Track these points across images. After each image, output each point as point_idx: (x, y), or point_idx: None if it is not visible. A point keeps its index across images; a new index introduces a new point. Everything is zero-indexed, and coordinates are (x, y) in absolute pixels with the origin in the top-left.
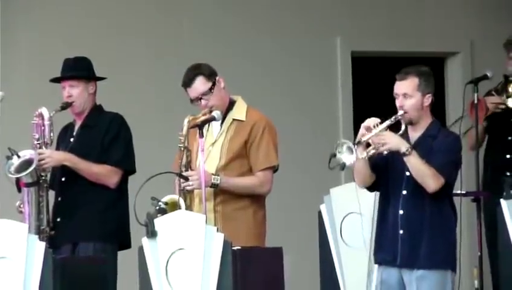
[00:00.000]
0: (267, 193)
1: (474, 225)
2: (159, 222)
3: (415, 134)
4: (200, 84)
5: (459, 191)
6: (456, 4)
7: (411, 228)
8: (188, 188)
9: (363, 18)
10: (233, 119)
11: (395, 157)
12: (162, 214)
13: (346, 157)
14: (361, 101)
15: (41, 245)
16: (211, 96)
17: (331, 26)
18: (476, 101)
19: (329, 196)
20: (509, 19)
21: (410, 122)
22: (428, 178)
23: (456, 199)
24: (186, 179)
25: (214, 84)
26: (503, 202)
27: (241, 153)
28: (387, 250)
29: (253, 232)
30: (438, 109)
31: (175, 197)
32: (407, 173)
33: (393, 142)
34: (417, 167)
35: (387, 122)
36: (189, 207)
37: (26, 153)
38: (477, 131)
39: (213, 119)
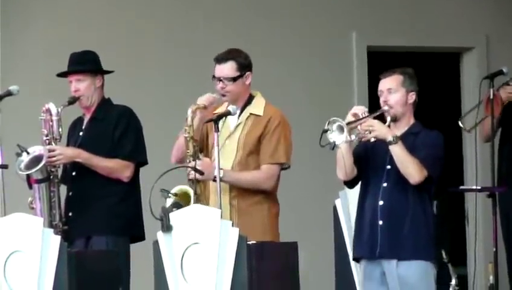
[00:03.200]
0: (270, 189)
1: (490, 220)
2: (174, 216)
3: (397, 131)
4: (228, 68)
5: (474, 187)
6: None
7: (391, 218)
8: (199, 178)
9: (378, 13)
10: (251, 114)
11: (376, 150)
12: (178, 208)
13: (335, 136)
14: (377, 97)
15: (57, 239)
16: (231, 85)
17: (346, 21)
18: (491, 97)
19: (344, 191)
20: None
21: (394, 118)
22: (413, 169)
23: (471, 195)
24: (202, 173)
25: (241, 76)
26: None
27: (257, 148)
28: (365, 242)
29: (269, 227)
30: (453, 104)
31: (184, 187)
32: (388, 167)
33: (381, 130)
34: (402, 156)
35: (373, 114)
36: (199, 197)
37: (36, 149)
38: (493, 127)
39: (228, 113)
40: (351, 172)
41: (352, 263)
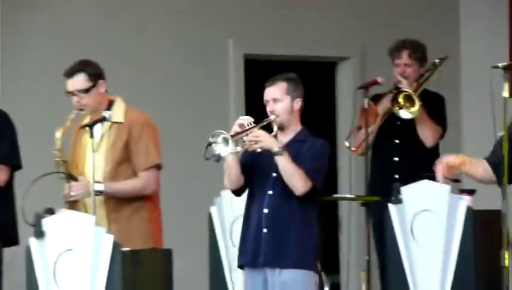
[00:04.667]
0: (153, 193)
1: (363, 229)
2: (48, 222)
3: (284, 139)
4: (79, 81)
5: (348, 195)
6: (348, 10)
7: (276, 226)
8: (73, 198)
9: (256, 21)
10: (112, 122)
11: (263, 159)
12: (51, 214)
13: (221, 148)
14: (254, 104)
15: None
16: (86, 96)
17: (223, 29)
18: (366, 106)
19: (220, 198)
20: (399, 25)
21: (281, 127)
22: (298, 180)
23: (345, 203)
24: (76, 179)
25: (94, 85)
26: (391, 206)
27: (125, 157)
28: (249, 250)
29: (149, 233)
30: (329, 113)
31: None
32: (274, 175)
33: (267, 141)
34: (287, 168)
35: (260, 124)
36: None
37: None
38: (366, 137)
39: (104, 119)
40: (238, 181)
41: (226, 269)
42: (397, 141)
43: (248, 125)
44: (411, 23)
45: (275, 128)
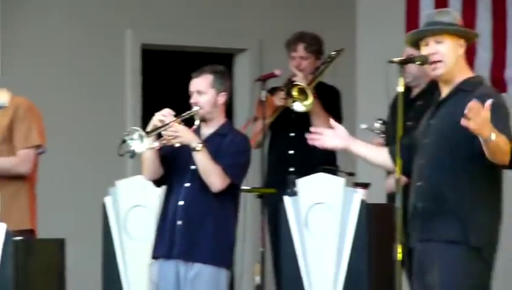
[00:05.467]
0: (27, 173)
1: (258, 221)
2: None
3: (206, 131)
4: None
5: (244, 187)
6: (246, 1)
7: (190, 219)
8: None
9: (154, 11)
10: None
11: (183, 151)
12: None
13: (136, 145)
14: (151, 94)
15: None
16: None
17: (121, 18)
18: (263, 99)
19: (115, 188)
20: (296, 18)
21: (204, 119)
22: (214, 177)
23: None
24: None
25: None
26: (286, 198)
27: (7, 137)
28: (164, 242)
29: (28, 214)
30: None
31: None
32: (193, 167)
33: (185, 136)
34: (205, 164)
35: (181, 117)
36: None
37: None
38: (264, 129)
39: None
40: (156, 172)
41: (120, 259)
42: (292, 134)
43: (169, 118)
44: (308, 16)
45: (197, 121)
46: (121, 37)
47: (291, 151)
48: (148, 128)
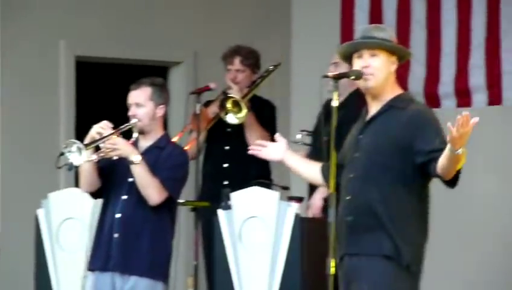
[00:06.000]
0: None
1: (192, 234)
2: None
3: (144, 143)
4: None
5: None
6: (182, 14)
7: (127, 232)
8: None
9: (88, 23)
10: None
11: (120, 163)
12: None
13: (74, 157)
14: (85, 106)
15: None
16: None
17: (55, 29)
18: (198, 112)
19: (47, 200)
20: (233, 31)
21: (142, 132)
22: (152, 190)
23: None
24: None
25: None
26: (220, 212)
27: None
28: (101, 254)
29: None
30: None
31: None
32: (130, 179)
33: (124, 149)
34: (142, 177)
35: (120, 129)
36: None
37: None
38: (198, 142)
39: None
40: (94, 184)
41: (52, 271)
42: (227, 148)
43: (107, 131)
44: (243, 29)
45: (135, 133)
46: (55, 48)
47: (225, 165)
48: (86, 141)
